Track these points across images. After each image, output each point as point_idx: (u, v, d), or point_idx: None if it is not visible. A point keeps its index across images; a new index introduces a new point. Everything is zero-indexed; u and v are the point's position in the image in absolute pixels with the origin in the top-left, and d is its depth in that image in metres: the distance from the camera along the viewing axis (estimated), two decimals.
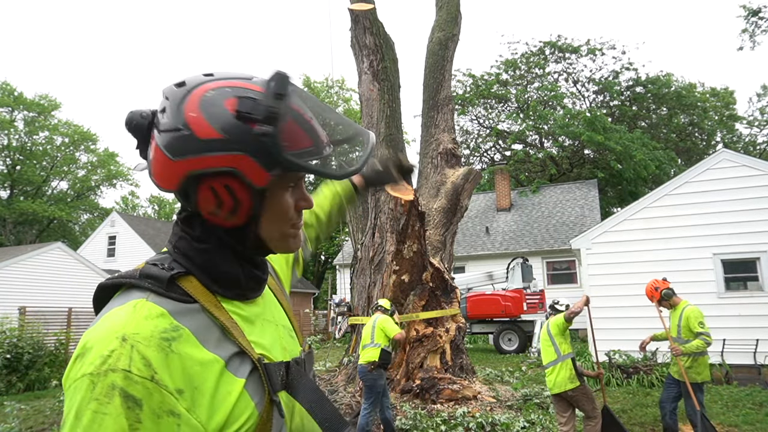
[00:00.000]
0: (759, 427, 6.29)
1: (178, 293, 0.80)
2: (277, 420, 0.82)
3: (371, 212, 8.90)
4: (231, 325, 0.81)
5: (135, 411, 0.69)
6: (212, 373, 0.76)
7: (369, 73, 9.40)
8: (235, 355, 0.80)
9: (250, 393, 0.79)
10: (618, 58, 32.57)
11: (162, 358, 0.72)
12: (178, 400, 0.72)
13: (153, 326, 0.74)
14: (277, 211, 0.85)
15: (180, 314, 0.78)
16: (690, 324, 5.25)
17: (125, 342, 0.71)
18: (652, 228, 10.24)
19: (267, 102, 0.78)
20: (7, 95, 34.46)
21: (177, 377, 0.72)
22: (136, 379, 0.69)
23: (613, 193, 28.20)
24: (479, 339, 16.69)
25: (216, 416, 0.75)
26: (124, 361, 0.70)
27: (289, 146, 0.78)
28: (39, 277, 16.63)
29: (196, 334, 0.77)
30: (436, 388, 7.38)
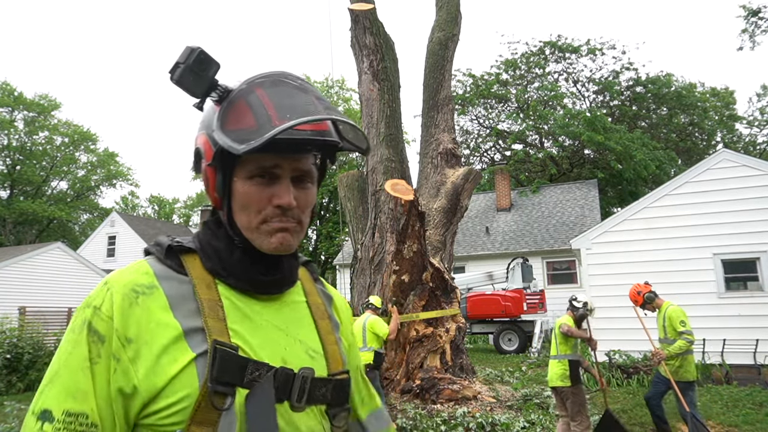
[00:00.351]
0: (759, 427, 6.28)
1: (174, 263, 0.86)
2: (227, 415, 0.77)
3: (371, 212, 8.90)
4: (210, 305, 0.82)
5: (97, 345, 0.77)
6: (165, 336, 0.78)
7: (369, 73, 9.40)
8: (198, 329, 0.79)
9: (198, 371, 0.77)
10: (618, 58, 32.53)
11: (125, 305, 0.78)
12: (124, 347, 0.76)
13: (132, 278, 0.82)
14: (240, 198, 0.85)
15: (164, 278, 0.83)
16: (673, 324, 5.39)
17: (105, 285, 0.82)
18: (652, 228, 10.24)
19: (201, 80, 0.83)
20: (7, 95, 34.46)
21: (131, 327, 0.77)
22: (103, 316, 0.78)
23: (613, 193, 28.20)
24: (479, 339, 16.69)
25: (153, 378, 0.75)
26: (98, 300, 0.80)
27: (229, 125, 0.80)
28: (39, 277, 16.63)
29: (170, 299, 0.81)
30: (436, 388, 7.38)
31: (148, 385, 0.75)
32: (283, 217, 0.85)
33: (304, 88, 0.85)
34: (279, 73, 0.86)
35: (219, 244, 0.88)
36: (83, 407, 0.74)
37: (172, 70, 0.82)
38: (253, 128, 0.78)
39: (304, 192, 0.88)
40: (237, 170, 0.85)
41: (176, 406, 0.75)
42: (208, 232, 0.91)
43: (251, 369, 0.80)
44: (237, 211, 0.86)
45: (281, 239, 0.86)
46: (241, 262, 0.87)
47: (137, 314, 0.78)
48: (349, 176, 9.93)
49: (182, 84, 0.82)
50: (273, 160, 0.84)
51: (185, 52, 0.82)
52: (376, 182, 8.80)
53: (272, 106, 0.80)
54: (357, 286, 9.01)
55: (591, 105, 29.79)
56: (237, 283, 0.87)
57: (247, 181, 0.84)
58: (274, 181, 0.85)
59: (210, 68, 0.83)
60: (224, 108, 0.83)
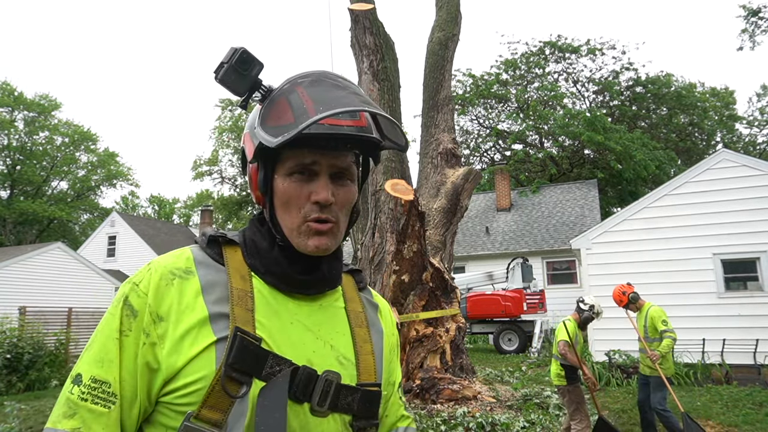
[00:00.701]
0: (759, 427, 6.29)
1: (214, 252, 0.89)
2: (240, 404, 0.77)
3: (371, 212, 8.90)
4: (240, 294, 0.84)
5: (130, 319, 0.80)
6: (192, 318, 0.80)
7: (369, 73, 9.39)
8: (224, 316, 0.81)
9: (217, 356, 0.78)
10: (618, 58, 32.52)
11: (162, 285, 0.82)
12: (155, 324, 0.80)
13: (172, 262, 0.86)
14: (280, 195, 0.87)
15: (202, 265, 0.87)
16: (655, 323, 5.59)
17: (148, 266, 0.86)
18: (652, 228, 10.24)
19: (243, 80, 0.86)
20: (7, 95, 34.45)
21: (164, 306, 0.81)
22: (139, 293, 0.82)
23: (613, 193, 28.20)
24: (479, 339, 16.69)
25: (175, 357, 0.78)
26: (139, 277, 0.84)
27: (269, 121, 0.83)
28: (39, 277, 16.64)
29: (204, 285, 0.84)
30: (436, 388, 7.38)
31: (170, 363, 0.77)
32: (321, 213, 0.86)
33: (343, 85, 0.87)
34: (319, 72, 0.89)
35: (262, 241, 0.90)
36: (107, 376, 0.78)
37: (217, 70, 0.85)
38: (291, 123, 0.80)
39: (342, 189, 0.88)
40: (278, 167, 0.87)
41: (191, 387, 0.77)
42: (252, 228, 0.93)
43: (271, 362, 0.80)
44: (279, 209, 0.88)
45: (318, 242, 0.87)
46: (279, 261, 0.88)
47: (171, 295, 0.81)
48: None
49: (225, 83, 0.84)
50: (311, 157, 0.85)
51: (229, 53, 0.84)
52: (376, 182, 8.80)
53: (310, 101, 0.82)
54: None
55: (591, 105, 29.79)
56: (273, 279, 0.88)
57: (286, 178, 0.86)
58: (312, 178, 0.86)
59: (253, 68, 0.85)
60: (266, 106, 0.86)
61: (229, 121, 36.24)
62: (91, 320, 14.02)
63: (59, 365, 11.83)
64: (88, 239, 29.56)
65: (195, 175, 37.72)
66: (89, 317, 13.88)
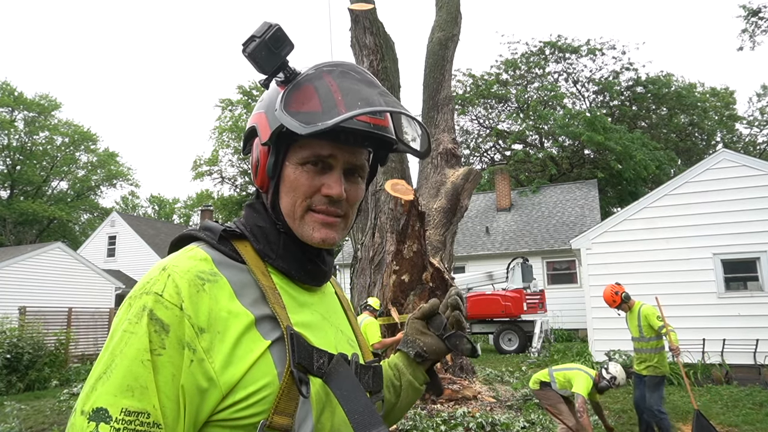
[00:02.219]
0: (759, 427, 6.29)
1: (228, 249, 0.83)
2: (303, 403, 0.76)
3: (371, 212, 8.90)
4: (272, 293, 0.81)
5: (161, 335, 0.70)
6: (239, 324, 0.75)
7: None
8: (267, 317, 0.78)
9: (274, 359, 0.75)
10: (618, 58, 32.53)
11: (193, 292, 0.73)
12: (198, 337, 0.71)
13: (193, 264, 0.77)
14: (289, 182, 0.84)
15: (223, 265, 0.80)
16: (650, 321, 5.54)
17: (164, 271, 0.76)
18: (652, 228, 10.24)
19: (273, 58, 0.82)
20: (7, 95, 34.46)
21: (202, 315, 0.73)
22: (167, 304, 0.72)
23: (613, 193, 28.19)
24: (479, 339, 16.69)
25: (232, 369, 0.72)
26: (159, 286, 0.73)
27: (293, 106, 0.79)
28: (39, 277, 16.63)
29: (234, 287, 0.78)
30: None
31: (227, 377, 0.71)
32: (330, 207, 0.84)
33: (372, 83, 0.85)
34: (348, 65, 0.86)
35: (267, 226, 0.87)
36: (143, 404, 0.67)
37: (246, 43, 0.81)
38: (318, 112, 0.77)
39: (354, 186, 0.87)
40: (290, 154, 0.84)
41: (257, 396, 0.72)
42: (254, 214, 0.89)
43: (316, 356, 0.79)
44: (284, 196, 0.85)
45: (325, 235, 0.85)
46: (289, 247, 0.86)
47: (206, 302, 0.74)
48: None
49: (254, 58, 0.81)
50: (330, 150, 0.83)
51: (262, 27, 0.81)
52: (376, 182, 8.79)
53: (340, 93, 0.79)
54: (357, 286, 9.01)
55: (591, 105, 29.80)
56: (287, 267, 0.85)
57: (298, 167, 0.84)
58: (326, 171, 0.84)
59: (285, 47, 0.82)
60: (290, 89, 0.81)
61: (229, 121, 36.23)
62: (90, 320, 14.03)
63: (59, 365, 11.84)
64: (88, 239, 29.55)
65: (195, 175, 37.72)
66: (89, 317, 13.89)
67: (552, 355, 12.16)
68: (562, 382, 5.14)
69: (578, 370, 5.10)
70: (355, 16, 9.45)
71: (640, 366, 5.70)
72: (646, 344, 5.57)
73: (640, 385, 5.73)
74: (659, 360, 5.54)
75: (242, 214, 0.92)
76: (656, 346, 5.56)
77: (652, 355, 5.56)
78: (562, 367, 5.37)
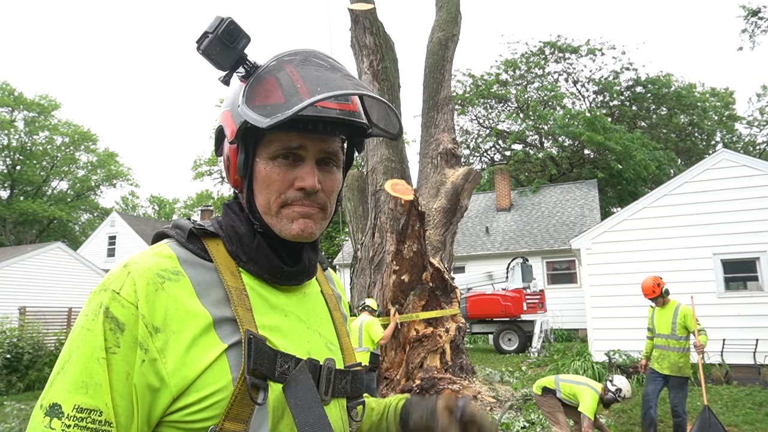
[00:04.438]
0: (759, 427, 6.29)
1: (196, 247, 0.81)
2: (260, 411, 0.73)
3: (371, 212, 8.90)
4: (238, 294, 0.78)
5: (116, 334, 0.69)
6: (195, 325, 0.72)
7: (369, 73, 9.39)
8: (227, 319, 0.75)
9: (230, 363, 0.72)
10: (618, 58, 32.56)
11: (150, 291, 0.72)
12: (152, 336, 0.70)
13: (155, 262, 0.76)
14: (261, 179, 0.81)
15: (189, 264, 0.78)
16: (687, 321, 5.47)
17: (125, 268, 0.74)
18: (652, 228, 10.23)
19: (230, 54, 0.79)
20: (7, 95, 34.46)
21: (158, 315, 0.71)
22: (123, 302, 0.71)
23: (613, 193, 28.19)
24: (479, 339, 16.68)
25: (184, 371, 0.70)
26: (118, 283, 0.72)
27: (256, 100, 0.76)
28: (39, 277, 16.63)
29: (196, 286, 0.76)
30: (436, 388, 7.38)
31: (178, 379, 0.69)
32: (306, 200, 0.82)
33: (335, 67, 0.82)
34: (309, 51, 0.83)
35: (242, 227, 0.84)
36: (96, 402, 0.67)
37: (200, 40, 0.78)
38: (281, 103, 0.75)
39: (329, 175, 0.84)
40: (260, 150, 0.81)
41: (209, 400, 0.70)
42: (230, 215, 0.86)
43: (280, 362, 0.76)
44: (258, 194, 0.82)
45: (303, 225, 0.82)
46: (262, 249, 0.83)
47: (164, 301, 0.72)
48: (349, 176, 9.94)
49: (209, 55, 0.78)
50: (298, 140, 0.80)
51: (214, 22, 0.78)
52: (376, 182, 8.80)
53: (301, 81, 0.77)
54: (357, 286, 9.01)
55: (591, 105, 29.79)
56: (259, 270, 0.82)
57: (269, 162, 0.81)
58: (298, 163, 0.81)
59: (240, 40, 0.79)
60: (251, 83, 0.79)
61: None
62: None
63: None
64: (88, 239, 29.56)
65: (195, 175, 37.74)
66: None
67: (552, 355, 12.16)
68: (567, 393, 5.03)
69: (586, 386, 4.98)
70: (355, 16, 9.45)
71: (661, 364, 5.57)
72: (676, 342, 5.47)
73: (655, 381, 5.61)
74: (685, 360, 5.46)
75: (218, 215, 0.90)
76: (685, 346, 5.48)
77: (679, 354, 5.46)
78: (570, 379, 5.22)
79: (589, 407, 4.78)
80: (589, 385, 5.03)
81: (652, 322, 5.80)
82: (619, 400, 4.90)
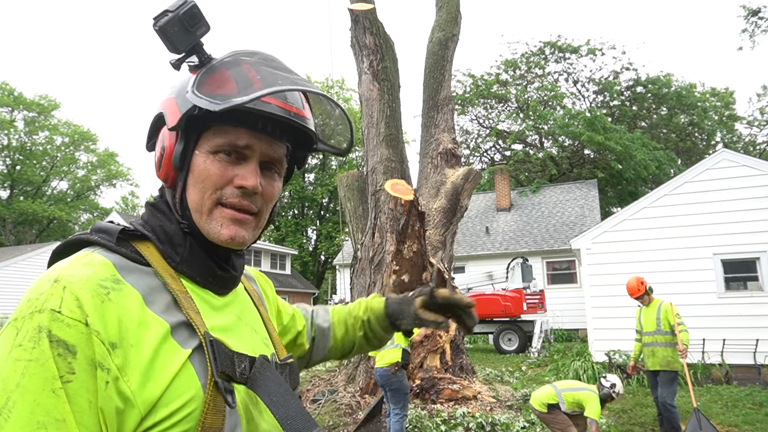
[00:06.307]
0: (759, 427, 6.28)
1: (129, 251, 0.74)
2: (230, 414, 0.70)
3: (371, 212, 8.90)
4: (184, 296, 0.73)
5: (67, 359, 0.60)
6: (153, 335, 0.67)
7: (369, 73, 9.39)
8: (183, 324, 0.71)
9: (196, 370, 0.69)
10: (618, 58, 32.63)
11: (97, 303, 0.64)
12: (110, 354, 0.62)
13: (91, 272, 0.67)
14: (198, 172, 0.76)
15: (127, 270, 0.71)
16: (669, 316, 5.76)
17: (57, 283, 0.64)
18: (652, 228, 10.23)
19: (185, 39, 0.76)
20: (7, 95, 34.46)
21: (111, 329, 0.63)
22: (68, 321, 0.61)
23: (613, 193, 28.19)
24: (479, 339, 16.68)
25: (150, 385, 0.64)
26: (54, 301, 0.62)
27: (207, 88, 0.73)
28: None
29: (142, 293, 0.69)
30: (436, 388, 7.38)
31: (145, 396, 0.64)
32: (243, 201, 0.77)
33: (291, 70, 0.80)
34: (266, 54, 0.81)
35: (171, 227, 0.78)
36: None
37: (158, 17, 0.74)
38: (233, 94, 0.71)
39: (270, 182, 0.80)
40: (201, 142, 0.77)
41: (181, 413, 0.65)
42: (158, 214, 0.80)
43: (237, 362, 0.73)
44: (191, 188, 0.77)
45: (234, 232, 0.77)
46: (195, 250, 0.78)
47: (114, 313, 0.64)
48: (349, 176, 9.93)
49: (165, 33, 0.74)
50: (246, 139, 0.76)
51: (177, 2, 0.75)
52: (376, 182, 8.80)
53: (257, 77, 0.74)
54: (357, 286, 9.01)
55: (591, 105, 29.78)
56: (192, 273, 0.78)
57: (210, 156, 0.76)
58: (240, 162, 0.77)
59: (200, 27, 0.76)
60: (203, 72, 0.75)
61: None
62: None
63: None
64: None
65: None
66: None
67: (552, 355, 12.16)
68: (570, 402, 4.97)
69: (587, 391, 4.96)
70: (355, 16, 9.44)
71: (652, 360, 5.78)
72: (662, 337, 5.71)
73: (655, 384, 5.81)
74: (673, 354, 5.64)
75: (141, 215, 0.84)
76: (671, 341, 5.69)
77: (666, 349, 5.67)
78: (569, 387, 5.14)
79: (596, 411, 4.79)
80: (588, 388, 5.03)
81: (639, 323, 6.07)
82: (615, 396, 4.93)
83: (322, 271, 36.40)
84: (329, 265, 34.52)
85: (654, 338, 5.78)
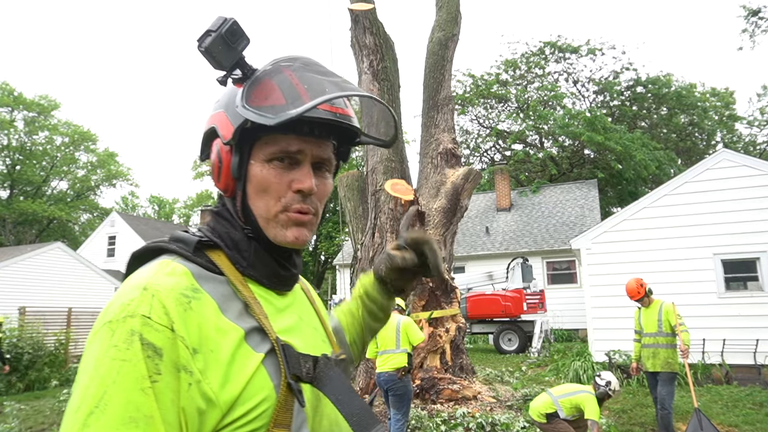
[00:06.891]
0: (759, 427, 6.29)
1: (204, 260, 0.79)
2: (298, 412, 0.76)
3: (371, 212, 8.89)
4: (254, 302, 0.79)
5: (155, 360, 0.66)
6: (230, 341, 0.72)
7: (369, 73, 9.39)
8: (255, 329, 0.76)
9: (269, 371, 0.74)
10: (618, 58, 32.57)
11: (180, 311, 0.70)
12: (193, 358, 0.68)
13: (174, 282, 0.73)
14: (257, 182, 0.81)
15: (203, 279, 0.76)
16: (669, 318, 5.75)
17: (146, 291, 0.70)
18: (652, 228, 10.23)
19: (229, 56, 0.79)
20: (7, 95, 34.45)
21: (193, 335, 0.69)
22: (157, 326, 0.67)
23: (613, 193, 28.18)
24: (479, 339, 16.69)
25: (229, 387, 0.70)
26: (145, 307, 0.68)
27: (255, 101, 0.77)
28: (39, 277, 16.62)
29: (217, 301, 0.75)
30: (436, 388, 7.38)
31: (225, 396, 0.69)
32: (304, 204, 0.82)
33: (331, 73, 0.83)
34: (306, 58, 0.84)
35: (236, 234, 0.83)
36: None
37: (202, 38, 0.78)
38: (282, 104, 0.75)
39: (323, 181, 0.85)
40: (255, 152, 0.81)
41: (256, 411, 0.71)
42: (223, 222, 0.85)
43: (302, 362, 0.78)
44: (253, 196, 0.82)
45: (298, 233, 0.82)
46: (260, 254, 0.83)
47: (195, 321, 0.70)
48: (349, 176, 9.93)
49: (211, 53, 0.78)
50: (298, 145, 0.80)
51: (218, 21, 0.78)
52: (376, 182, 8.79)
53: (301, 85, 0.77)
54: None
55: (591, 105, 29.78)
56: (258, 276, 0.83)
57: (265, 165, 0.80)
58: (294, 166, 0.81)
59: (241, 41, 0.79)
60: (249, 85, 0.79)
61: None
62: (90, 320, 14.01)
63: (59, 365, 11.83)
64: (88, 239, 29.55)
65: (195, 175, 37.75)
66: (89, 317, 13.87)
67: (552, 356, 12.16)
68: (569, 408, 4.92)
69: (584, 393, 4.92)
70: (355, 16, 9.44)
71: (653, 361, 5.76)
72: (663, 339, 5.72)
73: (655, 384, 5.81)
74: (673, 355, 5.66)
75: (206, 222, 0.88)
76: (671, 342, 5.70)
77: (668, 350, 5.68)
78: (564, 393, 5.08)
79: (596, 412, 4.77)
80: (584, 390, 4.98)
81: (639, 324, 6.06)
82: (612, 393, 4.90)
83: (322, 272, 36.40)
84: (329, 265, 34.51)
85: (655, 339, 5.77)
